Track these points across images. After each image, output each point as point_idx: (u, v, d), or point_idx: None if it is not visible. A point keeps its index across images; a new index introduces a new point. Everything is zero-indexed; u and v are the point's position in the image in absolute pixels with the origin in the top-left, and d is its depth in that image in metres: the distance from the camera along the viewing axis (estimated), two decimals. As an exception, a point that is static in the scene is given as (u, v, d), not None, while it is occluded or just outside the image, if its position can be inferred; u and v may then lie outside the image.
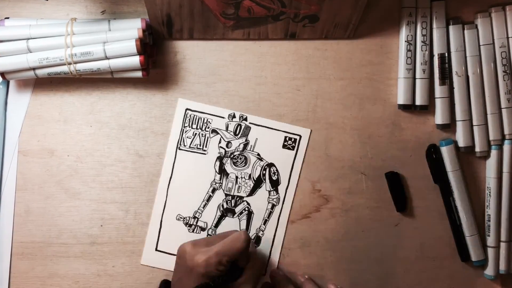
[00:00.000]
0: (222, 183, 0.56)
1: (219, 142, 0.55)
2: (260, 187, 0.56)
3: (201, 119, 0.55)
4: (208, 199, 0.56)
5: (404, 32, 0.54)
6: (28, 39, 0.50)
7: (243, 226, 0.56)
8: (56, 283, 0.56)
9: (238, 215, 0.56)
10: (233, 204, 0.56)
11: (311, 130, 0.56)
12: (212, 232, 0.56)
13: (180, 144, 0.55)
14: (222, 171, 0.55)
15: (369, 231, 0.57)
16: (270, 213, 0.56)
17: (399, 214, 0.57)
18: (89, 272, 0.56)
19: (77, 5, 0.55)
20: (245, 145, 0.55)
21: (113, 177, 0.55)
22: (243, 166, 0.56)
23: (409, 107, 0.55)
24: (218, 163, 0.55)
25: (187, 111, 0.55)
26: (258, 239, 0.56)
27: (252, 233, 0.56)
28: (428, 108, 0.55)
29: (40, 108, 0.55)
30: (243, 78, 0.56)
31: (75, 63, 0.50)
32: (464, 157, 0.56)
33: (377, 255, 0.57)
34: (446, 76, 0.54)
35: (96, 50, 0.49)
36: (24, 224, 0.55)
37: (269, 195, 0.56)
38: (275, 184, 0.56)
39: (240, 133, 0.55)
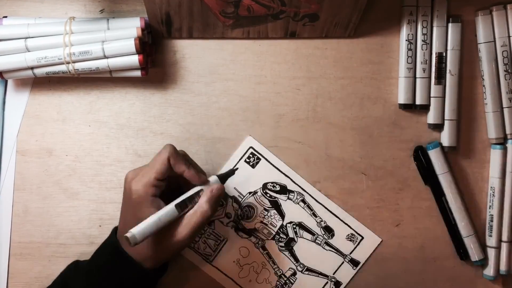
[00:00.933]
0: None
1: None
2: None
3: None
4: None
5: (404, 31, 0.55)
6: (26, 38, 0.51)
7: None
8: (54, 283, 0.56)
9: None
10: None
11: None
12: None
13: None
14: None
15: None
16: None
17: (399, 215, 0.57)
18: (88, 273, 0.56)
19: (76, 4, 0.55)
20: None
21: (112, 177, 0.56)
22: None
23: (410, 107, 0.55)
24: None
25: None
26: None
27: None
28: (428, 108, 0.55)
29: (38, 108, 0.55)
30: (243, 77, 0.56)
31: (74, 62, 0.50)
32: (464, 157, 0.57)
33: (378, 256, 0.57)
34: (442, 76, 0.54)
35: (94, 49, 0.50)
36: (22, 224, 0.55)
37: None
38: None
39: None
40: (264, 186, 0.56)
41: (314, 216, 0.56)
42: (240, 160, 0.55)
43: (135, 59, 0.50)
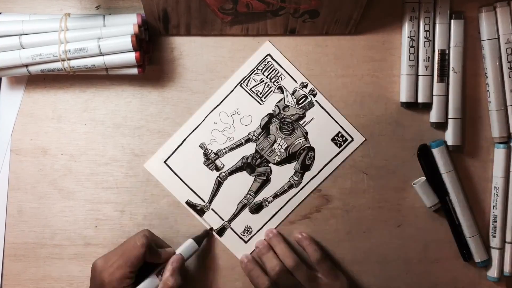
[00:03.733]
0: (259, 139, 0.56)
1: (279, 101, 0.56)
2: (290, 163, 0.56)
3: (275, 70, 0.55)
4: (238, 145, 0.56)
5: (406, 28, 0.55)
6: (21, 35, 0.51)
7: (254, 188, 0.56)
8: (49, 285, 0.56)
9: (255, 176, 0.56)
10: (256, 163, 0.56)
11: (365, 139, 0.56)
12: (224, 176, 0.56)
13: (243, 82, 0.55)
14: (266, 128, 0.56)
15: (370, 232, 0.57)
16: (284, 191, 0.56)
17: (401, 215, 0.57)
18: (83, 274, 0.56)
19: (71, 0, 0.55)
20: (300, 117, 0.56)
21: (108, 177, 0.56)
22: (287, 135, 0.56)
23: (412, 105, 0.56)
24: (266, 119, 0.56)
25: (268, 56, 0.55)
26: (259, 207, 0.56)
27: (257, 199, 0.56)
28: (431, 106, 0.56)
29: (33, 106, 0.55)
30: (242, 75, 0.56)
31: (69, 59, 0.50)
32: (465, 156, 0.57)
33: (379, 257, 0.57)
34: (445, 74, 0.55)
35: (90, 46, 0.50)
36: (16, 225, 0.56)
37: (293, 174, 0.56)
38: (304, 168, 0.56)
39: (303, 104, 0.55)
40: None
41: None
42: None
43: (131, 57, 0.50)
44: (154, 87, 0.56)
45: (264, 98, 0.56)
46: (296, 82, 0.56)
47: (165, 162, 0.56)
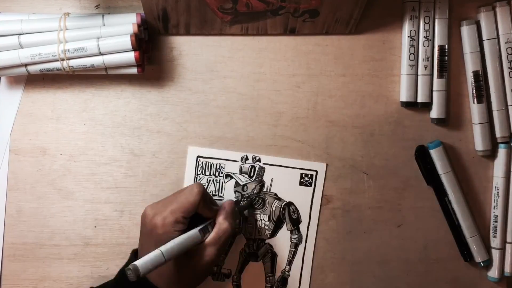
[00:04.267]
0: (241, 228, 0.56)
1: (235, 186, 0.56)
2: (281, 228, 0.56)
3: (213, 165, 0.56)
4: (230, 245, 0.56)
5: (407, 27, 0.55)
6: (20, 34, 0.51)
7: (268, 269, 0.56)
8: (48, 285, 0.56)
9: (261, 259, 0.56)
10: (255, 248, 0.56)
11: (327, 164, 0.56)
12: (237, 278, 0.56)
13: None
14: (241, 215, 0.56)
15: (371, 232, 0.57)
16: (294, 253, 0.57)
17: (401, 215, 0.57)
18: (83, 275, 0.56)
19: (70, 0, 0.55)
20: (261, 186, 0.56)
21: (107, 177, 0.56)
22: (261, 208, 0.56)
23: (412, 105, 0.56)
24: (236, 208, 0.56)
25: (199, 158, 0.55)
26: (284, 281, 0.56)
27: (277, 275, 0.56)
28: (430, 106, 0.56)
29: (32, 106, 0.56)
30: (241, 75, 0.56)
31: (68, 59, 0.50)
32: (466, 156, 0.57)
33: (380, 257, 0.57)
34: (444, 69, 0.55)
35: (89, 46, 0.50)
36: (15, 225, 0.56)
37: (291, 234, 0.56)
38: (296, 223, 0.56)
39: (255, 175, 0.56)
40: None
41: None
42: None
43: (131, 56, 0.50)
44: (154, 87, 0.56)
45: (221, 192, 0.56)
46: (236, 161, 0.56)
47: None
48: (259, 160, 0.56)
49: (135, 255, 0.51)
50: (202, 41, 0.56)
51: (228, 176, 0.56)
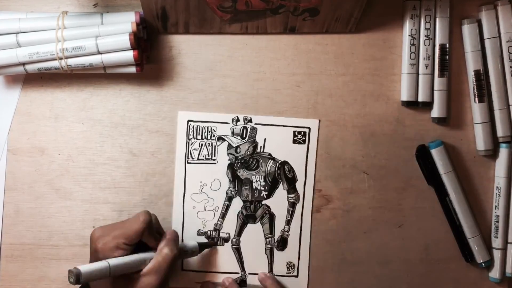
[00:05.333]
0: (237, 190, 0.56)
1: (228, 149, 0.56)
2: (277, 188, 0.56)
3: (205, 128, 0.56)
4: (226, 209, 0.56)
5: (407, 26, 0.55)
6: (18, 33, 0.51)
7: (267, 230, 0.56)
8: (46, 286, 0.56)
9: (260, 220, 0.56)
10: (252, 210, 0.56)
11: (319, 120, 0.56)
12: (236, 242, 0.56)
13: (188, 158, 0.56)
14: (236, 178, 0.56)
15: (371, 232, 0.57)
16: (292, 212, 0.56)
17: (402, 215, 0.57)
18: (81, 275, 0.56)
19: (69, -2, 0.55)
20: (254, 147, 0.56)
21: (106, 177, 0.56)
22: (256, 169, 0.56)
23: (413, 104, 0.56)
24: (230, 171, 0.56)
25: (189, 122, 0.55)
26: (284, 241, 0.56)
27: (277, 235, 0.56)
28: (431, 105, 0.56)
29: (30, 105, 0.56)
30: (241, 74, 0.56)
31: (67, 58, 0.50)
32: (468, 156, 0.57)
33: (380, 257, 0.57)
34: (445, 68, 0.55)
35: (88, 45, 0.50)
36: (13, 225, 0.56)
37: (288, 194, 0.56)
38: (292, 182, 0.56)
39: (248, 136, 0.56)
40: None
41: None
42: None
43: (129, 55, 0.50)
44: (153, 86, 0.56)
45: (215, 156, 0.56)
46: (227, 123, 0.56)
47: (182, 269, 0.56)
48: (250, 121, 0.55)
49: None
50: (201, 40, 0.56)
51: (220, 138, 0.55)
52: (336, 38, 0.56)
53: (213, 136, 0.56)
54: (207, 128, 0.56)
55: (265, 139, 0.56)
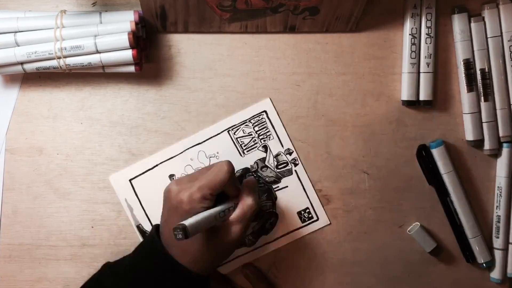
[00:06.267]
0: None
1: (260, 159, 0.56)
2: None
3: (266, 128, 0.56)
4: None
5: (408, 25, 0.55)
6: (16, 32, 0.51)
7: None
8: (45, 286, 0.56)
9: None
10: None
11: (329, 223, 0.57)
12: None
13: (231, 129, 0.56)
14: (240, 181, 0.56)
15: (372, 232, 0.57)
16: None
17: (403, 215, 0.57)
18: (80, 276, 0.56)
19: (67, -3, 0.55)
20: (275, 181, 0.56)
21: (104, 176, 0.56)
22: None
23: (414, 103, 0.56)
24: (240, 172, 0.56)
25: (263, 113, 0.55)
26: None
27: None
28: (432, 104, 0.56)
29: (28, 104, 0.56)
30: (241, 73, 0.56)
31: (65, 57, 0.50)
32: (468, 155, 0.57)
33: (381, 258, 0.57)
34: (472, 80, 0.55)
35: (86, 44, 0.50)
36: (11, 226, 0.56)
37: (250, 233, 0.57)
38: (263, 231, 0.57)
39: (281, 170, 0.56)
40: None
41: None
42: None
43: (128, 54, 0.50)
44: (152, 85, 0.56)
45: (247, 151, 0.56)
46: (282, 146, 0.56)
47: (130, 180, 0.56)
48: (296, 165, 0.56)
49: (156, 229, 0.50)
50: (200, 39, 0.56)
51: (265, 147, 0.56)
52: (337, 37, 0.56)
53: (264, 140, 0.56)
54: (268, 131, 0.56)
55: (286, 186, 0.56)
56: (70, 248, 0.56)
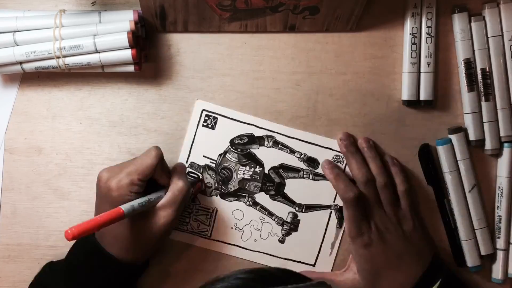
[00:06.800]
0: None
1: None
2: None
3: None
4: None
5: (409, 24, 0.55)
6: (15, 31, 0.51)
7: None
8: (44, 287, 0.56)
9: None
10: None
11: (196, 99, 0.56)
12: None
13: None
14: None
15: (372, 233, 0.57)
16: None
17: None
18: (79, 276, 0.56)
19: (66, -4, 0.55)
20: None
21: (104, 177, 0.56)
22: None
23: (414, 103, 0.56)
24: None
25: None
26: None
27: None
28: (432, 104, 0.56)
29: (27, 104, 0.55)
30: (240, 73, 0.56)
31: (64, 56, 0.50)
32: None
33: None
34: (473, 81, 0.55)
35: (86, 43, 0.50)
36: (10, 226, 0.56)
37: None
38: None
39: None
40: (232, 143, 0.56)
41: (292, 153, 0.56)
42: (197, 127, 0.55)
43: (128, 54, 0.50)
44: (151, 85, 0.56)
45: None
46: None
47: None
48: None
49: (49, 267, 0.52)
50: (200, 39, 0.55)
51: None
52: (337, 36, 0.56)
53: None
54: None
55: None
56: (69, 248, 0.56)
